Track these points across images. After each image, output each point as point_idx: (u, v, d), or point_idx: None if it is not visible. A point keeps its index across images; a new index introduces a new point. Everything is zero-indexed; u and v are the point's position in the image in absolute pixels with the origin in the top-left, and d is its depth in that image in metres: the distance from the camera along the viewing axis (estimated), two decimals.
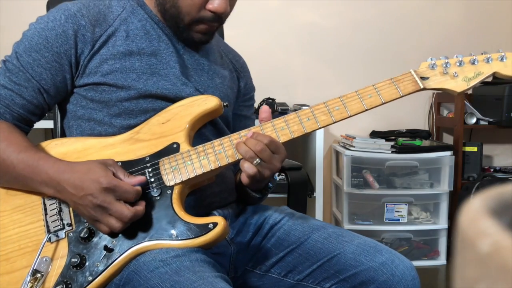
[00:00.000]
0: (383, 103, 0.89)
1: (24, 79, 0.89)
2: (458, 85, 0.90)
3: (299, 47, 2.67)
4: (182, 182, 0.85)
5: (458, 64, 0.91)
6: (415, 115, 2.74)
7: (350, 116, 0.89)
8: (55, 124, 1.21)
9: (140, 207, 0.80)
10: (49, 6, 1.20)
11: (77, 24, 0.89)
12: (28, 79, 0.89)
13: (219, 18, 0.93)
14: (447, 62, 0.91)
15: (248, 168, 0.84)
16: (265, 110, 0.91)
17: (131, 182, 0.81)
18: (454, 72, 0.90)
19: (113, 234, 0.82)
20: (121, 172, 0.82)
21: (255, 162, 0.83)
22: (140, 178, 0.82)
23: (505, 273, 0.20)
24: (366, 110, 0.89)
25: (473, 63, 0.90)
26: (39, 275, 0.81)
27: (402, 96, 0.89)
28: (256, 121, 1.04)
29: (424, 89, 0.90)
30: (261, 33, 2.57)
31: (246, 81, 1.14)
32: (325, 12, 2.68)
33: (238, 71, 1.12)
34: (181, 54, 0.98)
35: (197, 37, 0.95)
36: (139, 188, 0.81)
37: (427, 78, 0.91)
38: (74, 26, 0.89)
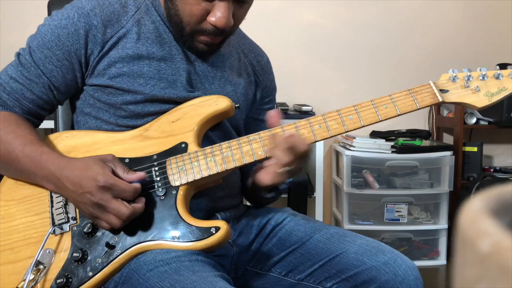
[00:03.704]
0: (399, 115, 0.85)
1: (35, 75, 0.89)
2: (480, 100, 0.85)
3: (299, 47, 2.67)
4: (187, 183, 0.85)
5: (481, 77, 0.86)
6: (415, 115, 2.73)
7: (363, 126, 0.85)
8: (55, 124, 1.21)
9: (139, 204, 0.80)
10: (50, 6, 1.20)
11: (89, 24, 0.88)
12: (39, 75, 0.89)
13: (221, 31, 0.88)
14: (470, 75, 0.86)
15: (275, 176, 0.84)
16: (272, 115, 0.87)
17: (130, 178, 0.81)
18: (476, 86, 0.85)
19: (115, 231, 0.82)
20: (120, 168, 0.81)
21: (289, 168, 0.83)
22: (139, 175, 0.82)
23: (505, 273, 0.20)
24: (381, 121, 0.85)
25: (497, 78, 0.86)
26: (41, 266, 0.81)
27: (419, 109, 0.85)
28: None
29: (443, 102, 0.86)
30: (261, 33, 2.57)
31: (265, 83, 1.09)
32: (325, 12, 2.68)
33: (257, 74, 1.08)
34: (192, 61, 0.95)
35: (200, 48, 0.92)
36: (137, 185, 0.80)
37: (447, 91, 0.86)
38: (86, 26, 0.88)
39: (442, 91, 0.87)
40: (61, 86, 0.91)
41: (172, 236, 0.80)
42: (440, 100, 0.85)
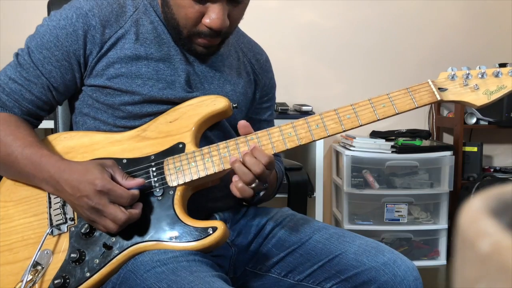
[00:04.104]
0: (397, 114, 0.85)
1: (34, 75, 0.90)
2: (479, 99, 0.84)
3: (299, 47, 2.67)
4: (185, 184, 0.84)
5: (480, 76, 0.86)
6: (415, 115, 2.74)
7: (361, 125, 0.84)
8: (55, 124, 1.21)
9: (136, 210, 0.80)
10: (50, 6, 1.20)
11: (88, 24, 0.88)
12: (38, 75, 0.90)
13: (217, 33, 0.88)
14: (469, 74, 0.86)
15: (245, 190, 0.81)
16: (242, 125, 0.86)
17: (128, 185, 0.80)
18: (475, 84, 0.85)
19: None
20: (119, 174, 0.81)
21: (253, 185, 0.80)
22: (137, 181, 0.81)
23: (505, 273, 0.20)
24: (379, 120, 0.85)
25: (496, 76, 0.85)
26: (39, 267, 0.81)
27: (417, 107, 0.84)
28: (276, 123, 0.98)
29: (442, 101, 0.85)
30: (261, 33, 2.56)
31: (264, 82, 1.08)
32: (325, 12, 2.68)
33: (257, 72, 1.07)
34: (191, 62, 0.95)
35: (199, 50, 0.92)
36: (135, 192, 0.80)
37: (446, 89, 0.86)
38: (84, 26, 0.88)
39: (440, 89, 0.86)
40: (60, 87, 0.91)
41: (170, 236, 0.80)
42: (439, 98, 0.85)
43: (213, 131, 0.95)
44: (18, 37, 0.93)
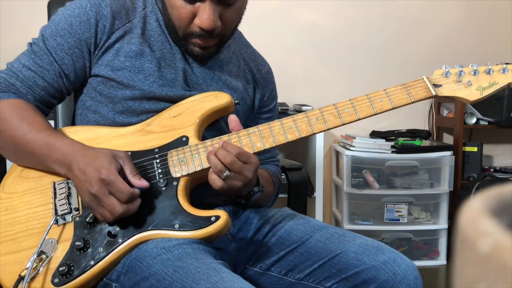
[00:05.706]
0: (394, 108, 0.89)
1: (47, 62, 0.92)
2: (472, 94, 0.89)
3: (299, 47, 2.67)
4: (188, 175, 0.87)
5: (472, 73, 0.90)
6: (415, 115, 2.74)
7: (359, 119, 0.89)
8: (55, 124, 1.22)
9: (133, 205, 0.80)
10: (50, 7, 1.20)
11: (100, 14, 0.92)
12: (51, 62, 0.92)
13: (210, 33, 0.89)
14: (461, 71, 0.90)
15: (215, 181, 0.82)
16: (232, 119, 0.89)
17: (133, 182, 0.81)
18: (468, 80, 0.89)
19: (116, 221, 0.82)
20: (128, 168, 0.82)
21: (224, 175, 0.81)
22: (143, 183, 0.82)
23: (505, 273, 0.20)
24: (376, 114, 0.89)
25: (488, 73, 0.90)
26: (44, 256, 0.83)
27: (413, 102, 0.89)
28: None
29: (436, 96, 0.89)
30: (261, 33, 2.57)
31: (264, 92, 1.10)
32: (325, 12, 2.68)
33: (257, 82, 1.09)
34: (190, 63, 0.98)
35: (196, 51, 0.93)
36: (135, 190, 0.80)
37: (440, 85, 0.90)
38: (97, 16, 0.92)
39: (435, 85, 0.90)
40: (71, 74, 0.94)
41: (173, 225, 0.82)
42: (433, 93, 0.89)
43: (210, 131, 0.96)
44: (18, 37, 0.94)
